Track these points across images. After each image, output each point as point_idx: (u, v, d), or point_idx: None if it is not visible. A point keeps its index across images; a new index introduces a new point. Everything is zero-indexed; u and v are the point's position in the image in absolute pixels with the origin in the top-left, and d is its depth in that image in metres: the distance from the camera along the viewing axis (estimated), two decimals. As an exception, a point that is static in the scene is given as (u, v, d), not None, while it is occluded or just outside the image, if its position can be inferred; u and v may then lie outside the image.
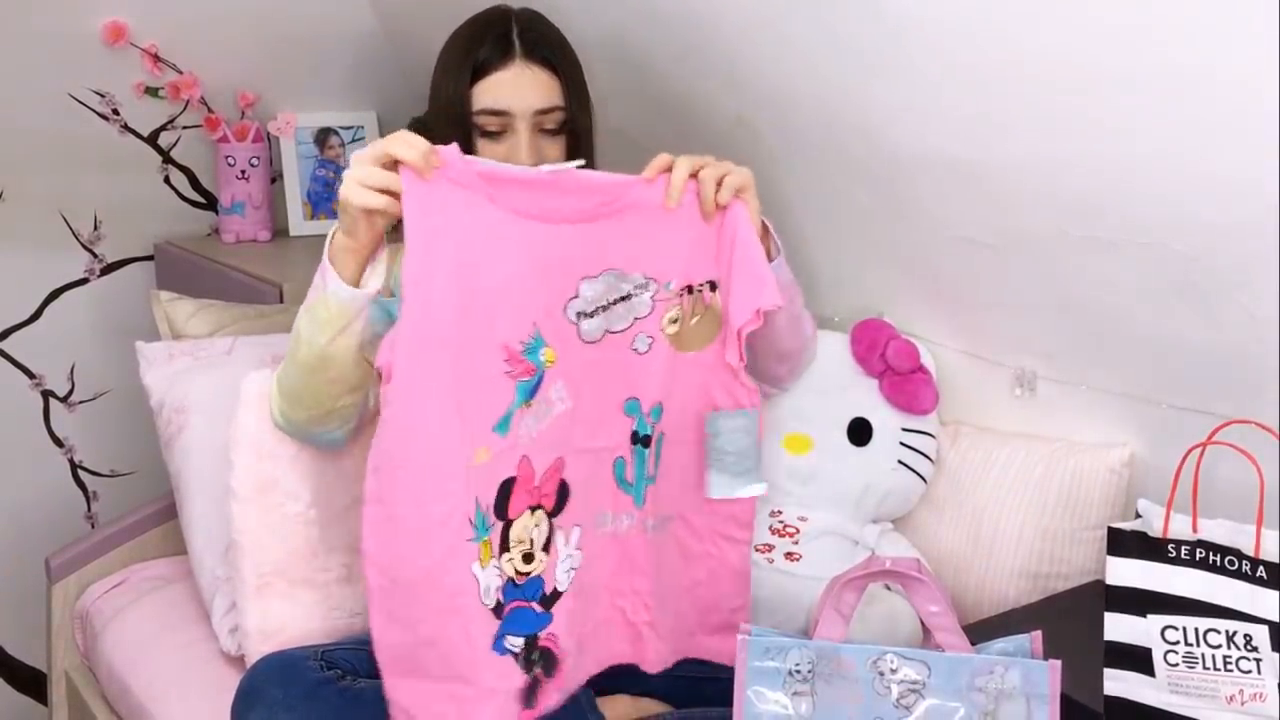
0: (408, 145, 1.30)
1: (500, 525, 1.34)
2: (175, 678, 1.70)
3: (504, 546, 1.35)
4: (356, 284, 1.36)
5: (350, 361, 1.40)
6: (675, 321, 1.43)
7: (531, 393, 1.35)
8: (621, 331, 1.41)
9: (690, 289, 1.42)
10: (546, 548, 1.38)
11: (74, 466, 2.55)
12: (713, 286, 1.42)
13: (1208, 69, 1.19)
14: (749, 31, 1.61)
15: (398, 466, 1.28)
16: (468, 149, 1.53)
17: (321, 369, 1.41)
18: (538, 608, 1.38)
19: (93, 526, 2.55)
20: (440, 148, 1.31)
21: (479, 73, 1.55)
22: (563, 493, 1.39)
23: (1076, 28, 1.26)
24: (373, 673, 1.43)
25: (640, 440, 1.44)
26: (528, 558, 1.36)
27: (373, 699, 1.39)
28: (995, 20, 1.32)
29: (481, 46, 1.57)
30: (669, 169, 1.40)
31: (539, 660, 1.37)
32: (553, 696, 1.39)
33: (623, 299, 1.40)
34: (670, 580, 1.48)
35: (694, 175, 1.40)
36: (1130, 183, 1.35)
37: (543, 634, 1.38)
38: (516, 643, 1.36)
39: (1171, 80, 1.22)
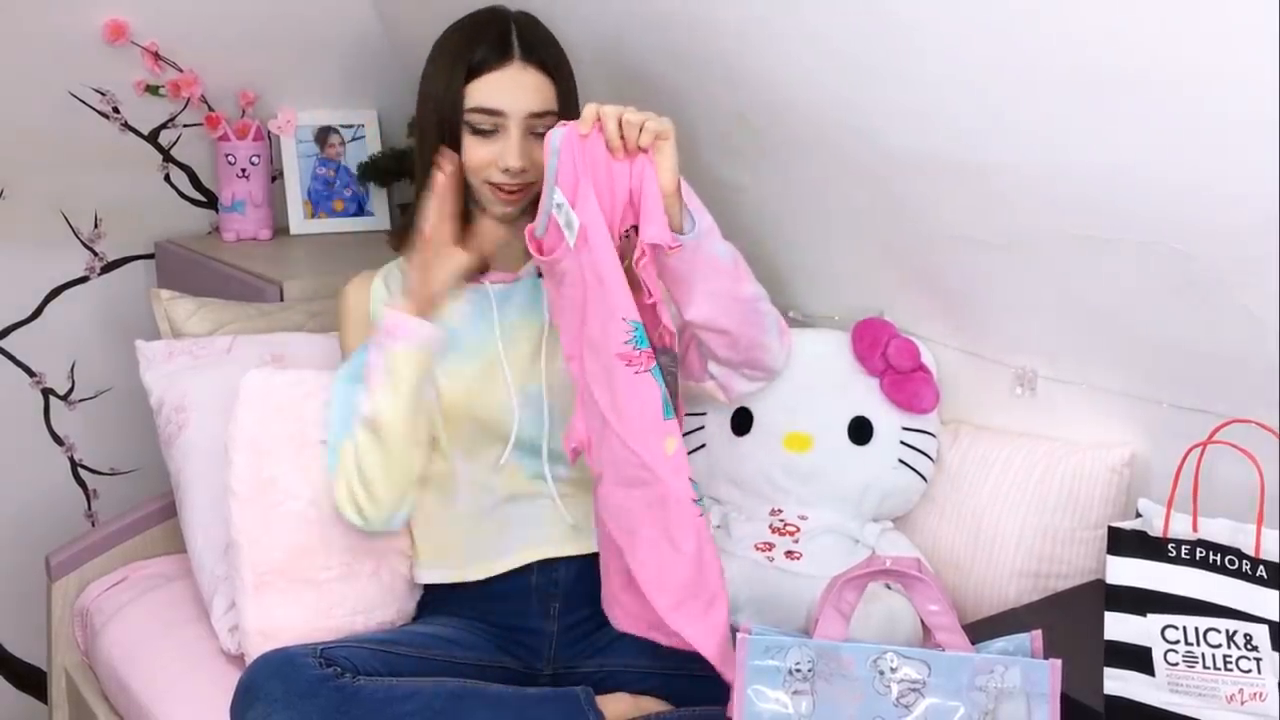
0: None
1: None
2: (175, 676, 1.70)
3: None
4: None
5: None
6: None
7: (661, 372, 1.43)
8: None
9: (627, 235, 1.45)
10: None
11: (74, 465, 2.55)
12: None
13: (1208, 70, 1.19)
14: (747, 33, 1.61)
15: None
16: (455, 147, 1.56)
17: (413, 431, 1.51)
18: None
19: (93, 524, 2.55)
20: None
21: (475, 71, 1.55)
22: None
23: (1076, 28, 1.26)
24: (371, 670, 1.44)
25: None
26: None
27: (372, 696, 1.39)
28: (995, 21, 1.32)
29: (479, 45, 1.57)
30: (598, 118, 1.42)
31: None
32: None
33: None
34: None
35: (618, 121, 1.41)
36: (1130, 183, 1.35)
37: None
38: None
39: (1171, 81, 1.22)
